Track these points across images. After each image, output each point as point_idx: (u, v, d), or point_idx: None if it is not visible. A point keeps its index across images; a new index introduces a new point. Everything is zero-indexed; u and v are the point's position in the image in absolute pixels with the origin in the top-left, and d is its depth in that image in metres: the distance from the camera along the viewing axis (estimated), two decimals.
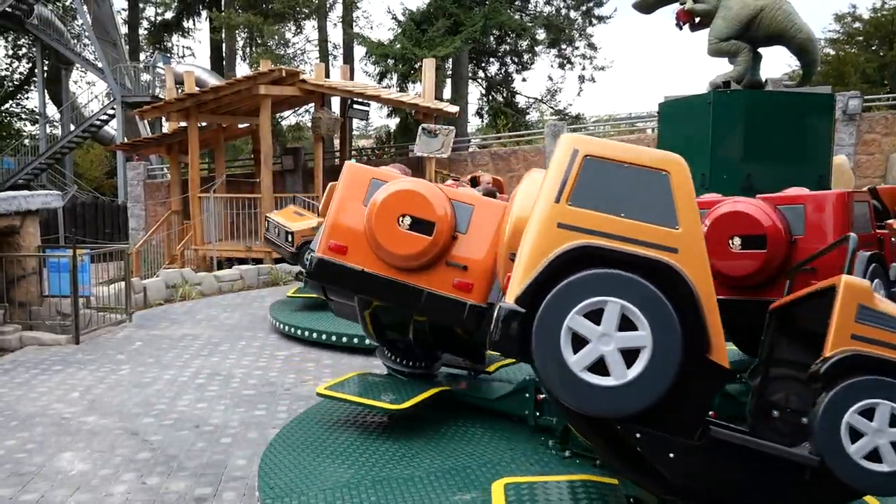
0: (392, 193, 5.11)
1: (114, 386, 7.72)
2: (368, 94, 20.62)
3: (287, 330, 10.02)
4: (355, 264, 5.20)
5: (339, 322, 9.10)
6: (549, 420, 5.34)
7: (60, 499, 4.89)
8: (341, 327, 9.24)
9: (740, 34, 8.28)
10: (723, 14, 8.23)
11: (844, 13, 29.76)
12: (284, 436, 5.41)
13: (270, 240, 12.21)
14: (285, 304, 11.45)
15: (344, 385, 5.77)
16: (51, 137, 33.43)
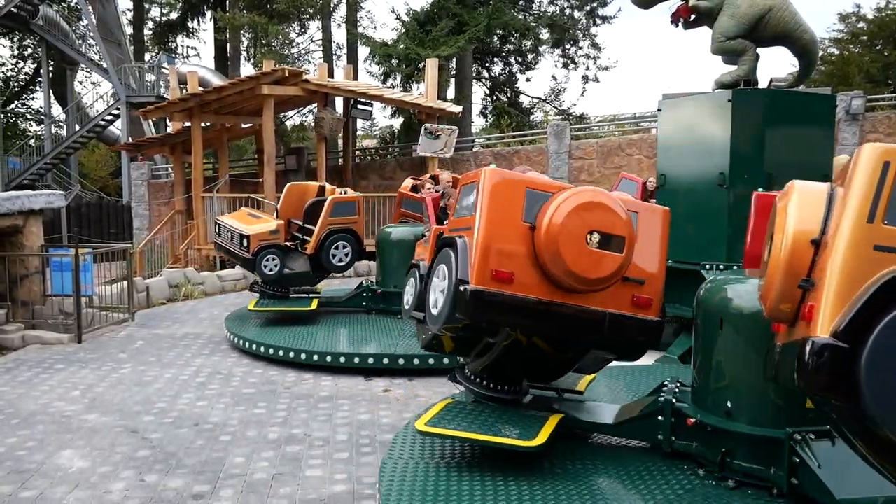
0: (577, 207, 4.39)
1: (115, 384, 7.78)
2: (371, 94, 20.66)
3: (249, 347, 9.01)
4: (527, 294, 4.44)
5: (310, 339, 8.94)
6: (689, 445, 4.73)
7: (59, 496, 4.94)
8: (313, 344, 8.66)
9: (748, 33, 8.24)
10: (730, 12, 8.17)
11: (849, 13, 29.71)
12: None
13: (222, 245, 10.65)
14: (244, 318, 10.32)
15: (446, 419, 4.88)
16: (56, 138, 33.51)
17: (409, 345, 8.45)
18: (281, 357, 8.57)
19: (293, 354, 8.47)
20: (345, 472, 5.39)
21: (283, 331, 9.39)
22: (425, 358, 8.03)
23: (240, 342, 9.24)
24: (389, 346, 8.55)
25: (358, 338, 9.15)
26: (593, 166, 21.43)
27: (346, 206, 10.47)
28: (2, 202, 9.93)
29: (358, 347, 8.67)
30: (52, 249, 11.15)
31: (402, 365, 8.16)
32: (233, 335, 9.51)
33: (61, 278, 10.31)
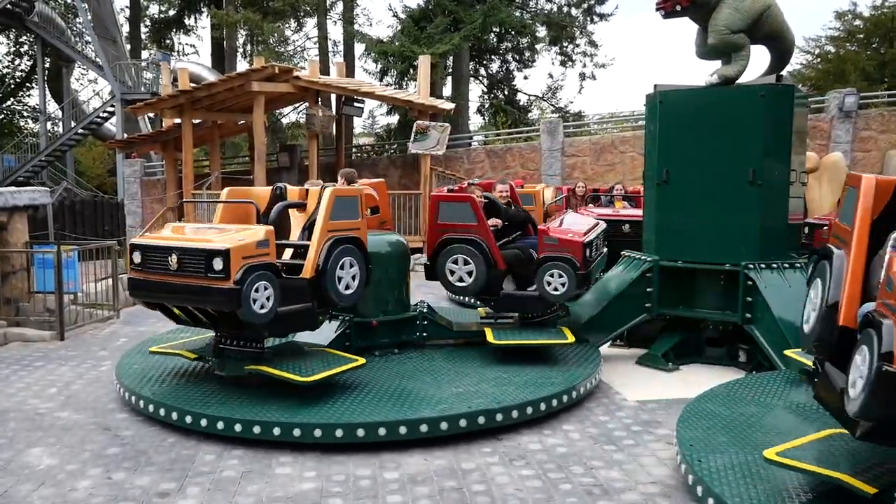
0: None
1: (92, 382, 7.74)
2: (363, 91, 20.65)
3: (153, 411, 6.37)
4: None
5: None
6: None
7: (24, 493, 4.90)
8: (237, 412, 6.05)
9: (749, 28, 8.19)
10: (735, 5, 8.07)
11: (845, 11, 29.71)
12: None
13: (154, 282, 6.24)
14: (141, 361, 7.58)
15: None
16: (52, 135, 33.47)
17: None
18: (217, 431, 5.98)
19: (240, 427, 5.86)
20: (315, 469, 5.35)
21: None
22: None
23: (140, 403, 6.51)
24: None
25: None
26: (586, 164, 21.40)
27: (347, 202, 6.90)
28: None
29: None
30: (38, 246, 11.11)
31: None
32: (128, 392, 6.73)
33: (44, 275, 10.28)
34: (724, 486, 4.48)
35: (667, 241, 8.26)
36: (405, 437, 5.73)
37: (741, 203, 7.76)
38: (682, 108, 8.19)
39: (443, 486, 5.03)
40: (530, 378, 6.82)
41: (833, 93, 19.85)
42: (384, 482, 5.13)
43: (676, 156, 8.14)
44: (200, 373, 7.18)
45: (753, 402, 6.09)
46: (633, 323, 8.38)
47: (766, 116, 7.72)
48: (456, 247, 7.56)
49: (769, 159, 7.75)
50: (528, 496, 4.86)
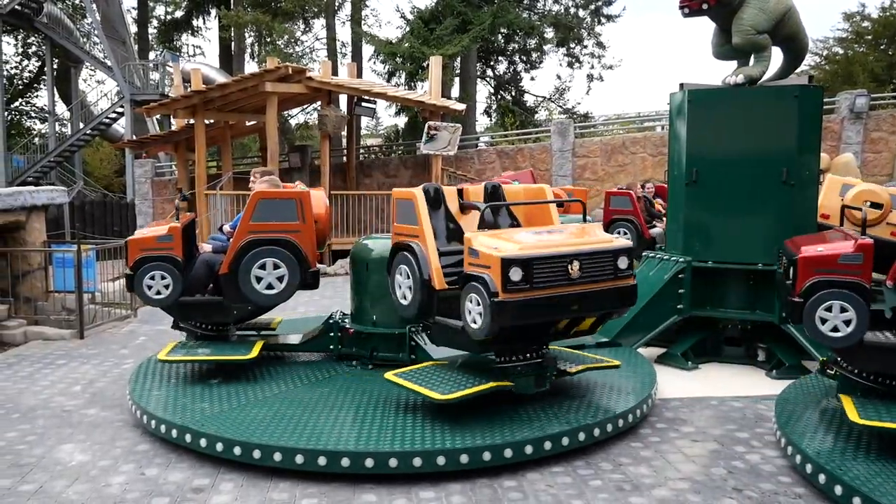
0: None
1: (117, 379, 7.79)
2: (374, 92, 20.68)
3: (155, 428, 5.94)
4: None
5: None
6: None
7: (59, 489, 4.94)
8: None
9: (772, 29, 8.22)
10: (760, 5, 8.07)
11: (853, 12, 29.69)
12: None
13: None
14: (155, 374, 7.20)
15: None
16: (60, 136, 33.54)
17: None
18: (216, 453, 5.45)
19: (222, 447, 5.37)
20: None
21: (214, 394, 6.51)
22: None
23: (144, 419, 6.10)
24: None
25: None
26: (597, 164, 21.43)
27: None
28: (4, 198, 9.96)
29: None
30: (55, 246, 11.17)
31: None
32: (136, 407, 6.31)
33: (64, 274, 10.33)
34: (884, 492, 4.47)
35: (696, 242, 8.25)
36: (467, 466, 5.19)
37: (774, 202, 7.78)
38: (712, 107, 8.16)
39: (475, 482, 5.06)
40: (574, 398, 6.34)
41: (844, 94, 19.85)
42: (417, 478, 5.15)
43: (706, 155, 8.12)
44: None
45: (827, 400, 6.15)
46: (666, 325, 8.32)
47: (800, 116, 7.73)
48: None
49: (802, 159, 7.77)
50: (560, 492, 4.89)
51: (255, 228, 6.79)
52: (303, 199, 6.90)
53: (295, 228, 6.86)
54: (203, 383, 6.78)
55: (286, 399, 6.26)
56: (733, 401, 6.91)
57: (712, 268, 8.14)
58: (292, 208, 6.85)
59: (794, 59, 8.87)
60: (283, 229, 6.83)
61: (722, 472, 5.23)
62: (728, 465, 5.33)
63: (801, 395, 6.35)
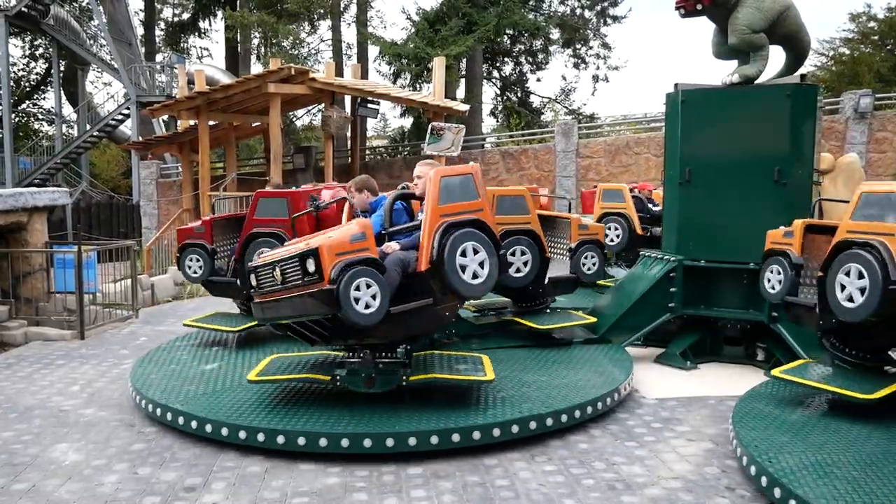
0: None
1: (115, 379, 7.80)
2: (378, 93, 20.73)
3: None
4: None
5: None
6: None
7: (51, 488, 4.95)
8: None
9: (768, 28, 8.20)
10: (756, 4, 8.05)
11: (859, 13, 29.57)
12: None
13: None
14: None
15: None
16: (67, 138, 33.64)
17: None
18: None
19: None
20: (340, 464, 5.38)
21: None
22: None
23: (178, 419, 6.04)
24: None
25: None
26: (601, 165, 21.42)
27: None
28: (5, 199, 10.00)
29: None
30: (57, 247, 11.20)
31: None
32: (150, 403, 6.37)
33: (64, 275, 10.36)
34: (807, 488, 4.46)
35: (689, 241, 8.24)
36: (458, 445, 5.49)
37: (766, 202, 7.76)
38: (705, 107, 8.15)
39: (466, 482, 5.06)
40: (570, 382, 6.70)
41: (848, 94, 19.80)
42: (408, 477, 5.15)
43: (699, 155, 8.12)
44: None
45: (798, 401, 6.16)
46: (657, 324, 8.34)
47: (792, 115, 7.71)
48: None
49: (794, 158, 7.73)
50: (552, 491, 4.88)
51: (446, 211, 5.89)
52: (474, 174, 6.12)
53: (479, 206, 6.07)
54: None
55: None
56: (731, 400, 6.85)
57: (705, 267, 8.12)
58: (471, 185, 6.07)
59: (796, 58, 8.83)
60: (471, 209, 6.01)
61: (715, 471, 5.21)
62: (722, 465, 5.31)
63: (763, 396, 6.37)
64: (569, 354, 7.79)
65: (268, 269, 5.62)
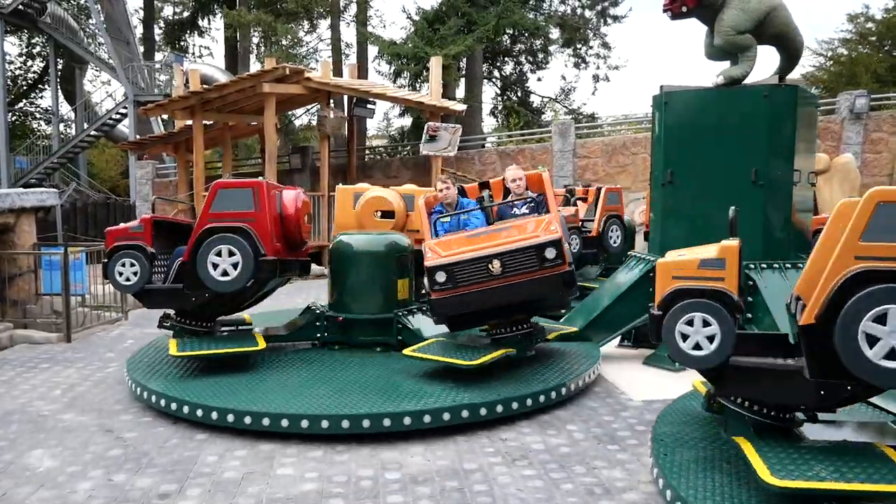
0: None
1: (98, 383, 7.76)
2: (374, 93, 20.65)
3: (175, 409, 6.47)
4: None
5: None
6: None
7: (23, 496, 4.90)
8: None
9: (755, 29, 8.17)
10: (741, 6, 8.05)
11: (857, 13, 29.49)
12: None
13: None
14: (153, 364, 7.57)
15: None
16: (64, 137, 33.53)
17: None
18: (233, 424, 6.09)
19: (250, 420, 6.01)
20: (316, 470, 5.34)
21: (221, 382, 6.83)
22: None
23: (153, 399, 6.66)
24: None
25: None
26: (598, 165, 21.36)
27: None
28: None
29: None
30: (45, 248, 11.15)
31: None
32: (141, 388, 6.88)
33: (52, 277, 10.31)
34: (683, 480, 4.56)
35: (670, 242, 8.24)
36: (410, 427, 5.93)
37: (743, 203, 7.71)
38: (686, 108, 8.20)
39: (444, 487, 5.01)
40: (530, 373, 6.98)
41: (844, 94, 19.75)
42: (385, 482, 5.11)
43: (680, 156, 8.17)
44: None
45: None
46: (635, 324, 8.35)
47: (769, 117, 7.72)
48: None
49: (772, 159, 7.76)
50: (529, 496, 4.83)
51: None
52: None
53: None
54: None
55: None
56: None
57: None
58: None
59: (789, 58, 8.79)
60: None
61: None
62: None
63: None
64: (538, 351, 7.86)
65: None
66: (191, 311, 7.58)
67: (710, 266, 4.70)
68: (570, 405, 6.80)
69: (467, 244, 6.64)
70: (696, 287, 4.67)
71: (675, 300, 4.68)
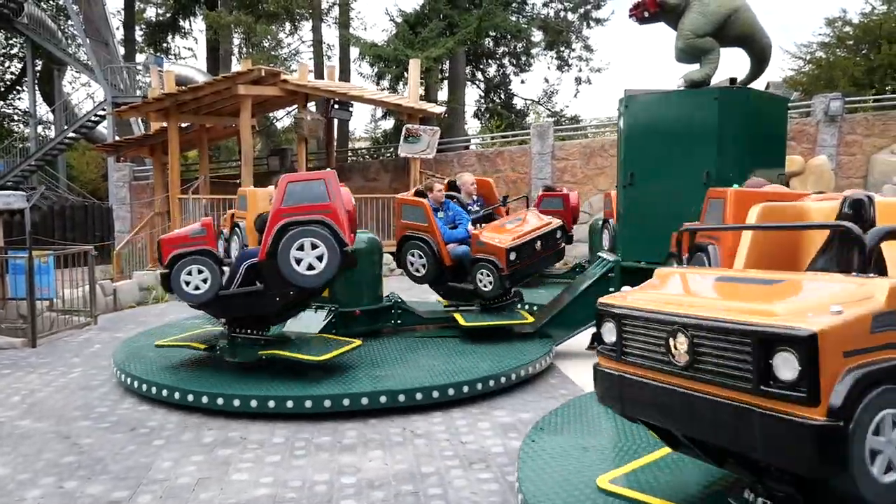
0: None
1: (60, 389, 7.67)
2: (351, 95, 20.58)
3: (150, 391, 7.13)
4: None
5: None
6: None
7: None
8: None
9: (715, 32, 8.21)
10: (701, 9, 8.12)
11: (835, 17, 29.67)
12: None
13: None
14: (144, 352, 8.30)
15: None
16: (43, 139, 33.26)
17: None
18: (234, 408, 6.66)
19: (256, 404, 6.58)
20: (272, 475, 5.30)
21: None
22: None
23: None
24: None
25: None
26: (576, 167, 21.37)
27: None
28: None
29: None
30: (12, 252, 11.04)
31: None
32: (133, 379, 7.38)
33: (15, 281, 10.22)
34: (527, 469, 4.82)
35: (631, 243, 8.42)
36: (367, 407, 6.59)
37: (697, 205, 7.78)
38: (645, 112, 8.32)
39: (399, 491, 4.99)
40: (489, 364, 7.48)
41: (819, 97, 19.87)
42: (341, 486, 5.08)
43: (640, 159, 8.32)
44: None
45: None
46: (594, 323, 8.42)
47: (720, 119, 7.80)
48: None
49: (723, 161, 7.83)
50: (483, 499, 4.81)
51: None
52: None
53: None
54: None
55: None
56: None
57: (646, 268, 8.15)
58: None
59: (758, 61, 8.84)
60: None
61: None
62: None
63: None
64: (490, 346, 8.25)
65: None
66: (254, 318, 7.39)
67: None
68: (536, 410, 6.77)
69: (509, 233, 8.54)
70: None
71: None
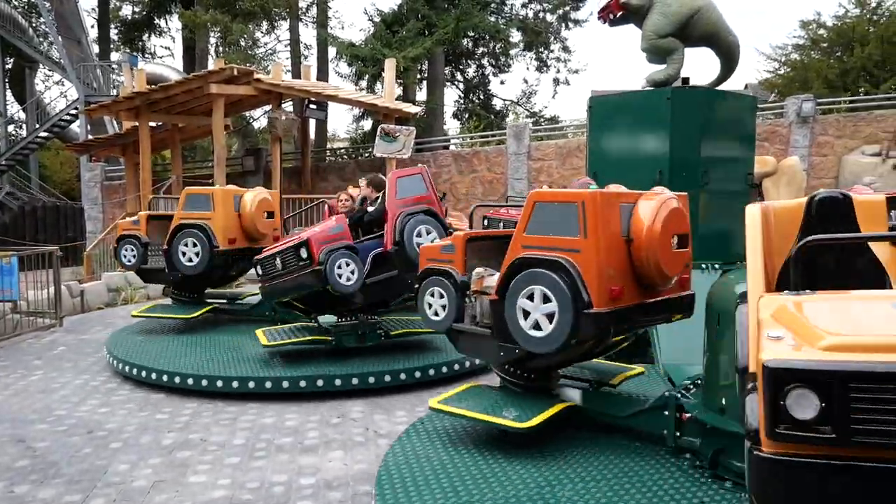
0: (668, 215, 4.93)
1: (18, 392, 7.54)
2: (326, 94, 20.44)
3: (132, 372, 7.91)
4: (631, 303, 4.87)
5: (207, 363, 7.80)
6: (693, 441, 4.63)
7: None
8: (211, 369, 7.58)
9: (678, 32, 8.20)
10: (662, 10, 8.11)
11: (810, 20, 29.84)
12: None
13: None
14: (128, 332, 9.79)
15: (460, 399, 5.30)
16: (15, 138, 32.82)
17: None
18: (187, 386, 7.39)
19: (192, 381, 7.40)
20: (230, 477, 5.22)
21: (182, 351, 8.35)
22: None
23: (124, 367, 8.02)
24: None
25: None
26: (552, 167, 21.35)
27: (198, 199, 9.34)
28: None
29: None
30: None
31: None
32: (115, 360, 8.27)
33: None
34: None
35: None
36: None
37: None
38: (606, 113, 8.35)
39: (356, 491, 4.96)
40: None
41: (791, 99, 19.97)
42: (299, 487, 5.05)
43: (602, 159, 8.31)
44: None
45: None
46: None
47: (673, 119, 7.74)
48: None
49: (676, 161, 7.76)
50: None
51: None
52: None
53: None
54: None
55: None
56: None
57: None
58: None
59: (726, 60, 8.83)
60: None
61: None
62: None
63: None
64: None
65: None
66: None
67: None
68: None
69: None
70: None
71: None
